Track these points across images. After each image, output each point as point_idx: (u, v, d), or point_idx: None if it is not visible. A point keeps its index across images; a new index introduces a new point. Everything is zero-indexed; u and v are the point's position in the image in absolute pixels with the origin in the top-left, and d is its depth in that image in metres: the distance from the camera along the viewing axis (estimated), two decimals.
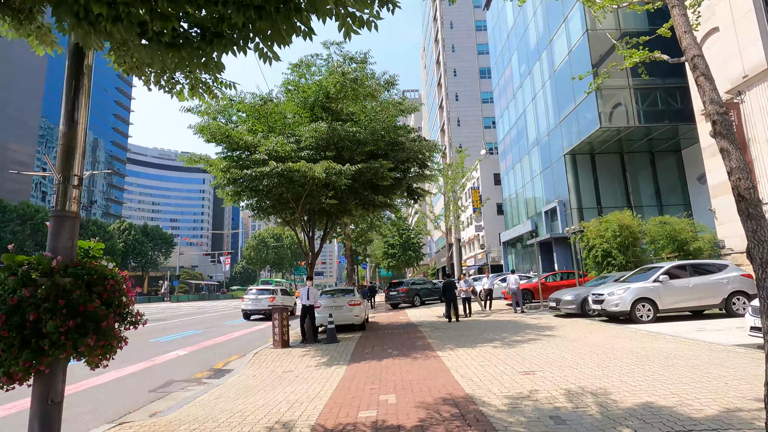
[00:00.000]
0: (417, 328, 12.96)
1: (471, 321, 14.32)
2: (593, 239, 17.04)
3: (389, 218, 30.59)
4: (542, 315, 14.97)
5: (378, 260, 62.02)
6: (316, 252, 11.92)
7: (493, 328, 11.78)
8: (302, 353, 9.46)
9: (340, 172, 9.16)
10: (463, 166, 18.36)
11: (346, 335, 12.04)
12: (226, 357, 10.22)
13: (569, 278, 19.20)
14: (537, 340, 9.15)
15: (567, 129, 23.81)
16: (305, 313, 10.69)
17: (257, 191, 9.83)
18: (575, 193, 23.84)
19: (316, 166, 8.65)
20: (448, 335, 10.84)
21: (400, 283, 23.56)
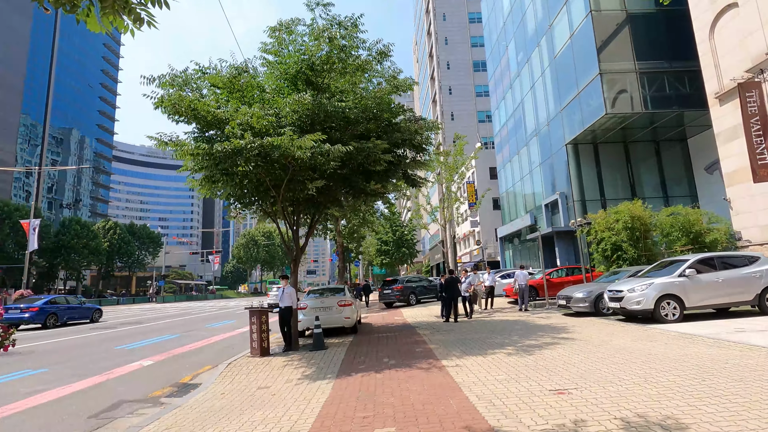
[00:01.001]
0: (415, 330, 11.69)
1: (473, 322, 13.08)
2: (602, 232, 15.89)
3: (382, 213, 29.32)
4: (550, 314, 13.78)
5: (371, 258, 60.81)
6: (301, 247, 10.58)
7: (500, 330, 10.54)
8: (283, 363, 8.12)
9: (327, 152, 7.81)
10: (462, 154, 17.06)
11: (336, 340, 10.72)
12: (197, 368, 8.86)
13: (574, 274, 18.07)
14: (555, 345, 7.91)
15: (569, 117, 22.66)
16: (281, 316, 9.36)
17: (231, 175, 8.45)
18: (578, 185, 22.72)
19: (301, 140, 7.29)
20: (451, 339, 9.57)
21: (395, 280, 22.27)
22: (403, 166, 11.40)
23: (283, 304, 9.35)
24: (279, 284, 34.00)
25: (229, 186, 8.90)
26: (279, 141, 7.29)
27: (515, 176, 31.65)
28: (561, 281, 17.55)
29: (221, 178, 8.66)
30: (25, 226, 32.30)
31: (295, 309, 9.85)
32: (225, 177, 8.58)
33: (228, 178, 8.60)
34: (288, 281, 9.56)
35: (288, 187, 9.24)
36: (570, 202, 22.88)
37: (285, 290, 9.44)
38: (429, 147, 12.04)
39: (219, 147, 7.26)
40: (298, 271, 10.24)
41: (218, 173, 8.42)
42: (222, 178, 8.64)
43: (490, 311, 16.08)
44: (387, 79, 10.66)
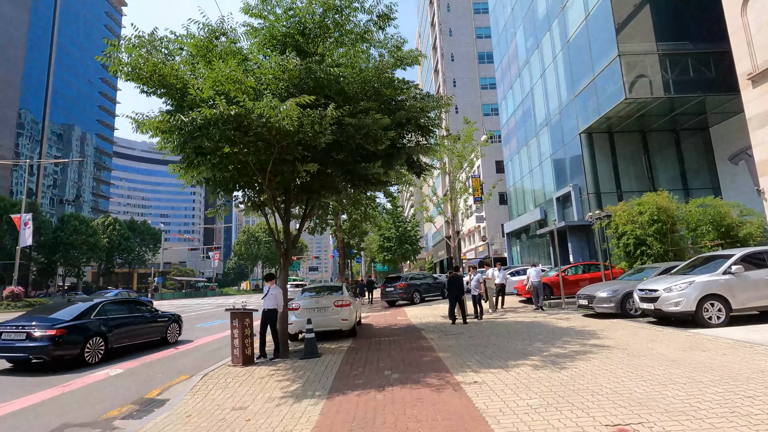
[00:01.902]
0: (421, 333, 10.47)
1: (484, 323, 11.85)
2: (623, 225, 14.61)
3: (384, 207, 28.12)
4: (569, 314, 12.54)
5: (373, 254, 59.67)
6: (293, 240, 9.36)
7: (517, 334, 9.31)
8: (267, 374, 6.93)
9: (319, 120, 6.57)
10: (472, 140, 15.79)
11: (332, 344, 9.52)
12: (173, 377, 7.68)
13: (590, 270, 16.79)
14: (589, 355, 6.68)
15: (583, 104, 21.32)
16: (264, 320, 8.16)
17: (207, 155, 7.23)
18: (592, 177, 21.40)
19: (285, 105, 6.06)
20: (463, 345, 8.35)
21: (398, 278, 21.06)
22: (407, 150, 10.16)
23: (267, 306, 8.15)
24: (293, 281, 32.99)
25: (207, 169, 7.68)
26: (258, 108, 6.05)
27: (523, 169, 30.32)
28: (576, 279, 16.29)
29: (197, 159, 7.44)
30: (16, 220, 31.29)
31: (283, 311, 8.66)
32: (200, 158, 7.35)
33: (205, 160, 7.38)
34: (274, 281, 8.36)
35: (276, 170, 8.02)
36: (584, 194, 21.57)
37: (270, 291, 8.25)
38: (436, 130, 10.78)
39: (186, 118, 6.03)
40: (288, 268, 9.04)
41: (192, 153, 7.19)
42: (197, 159, 7.41)
43: (501, 311, 14.85)
44: (390, 50, 9.41)
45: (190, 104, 6.99)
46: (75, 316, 8.60)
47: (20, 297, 30.71)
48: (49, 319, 8.32)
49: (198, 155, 7.30)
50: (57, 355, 8.02)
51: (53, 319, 8.29)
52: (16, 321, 8.47)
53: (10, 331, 8.05)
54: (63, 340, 8.06)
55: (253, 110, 6.03)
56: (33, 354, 7.91)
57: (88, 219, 68.84)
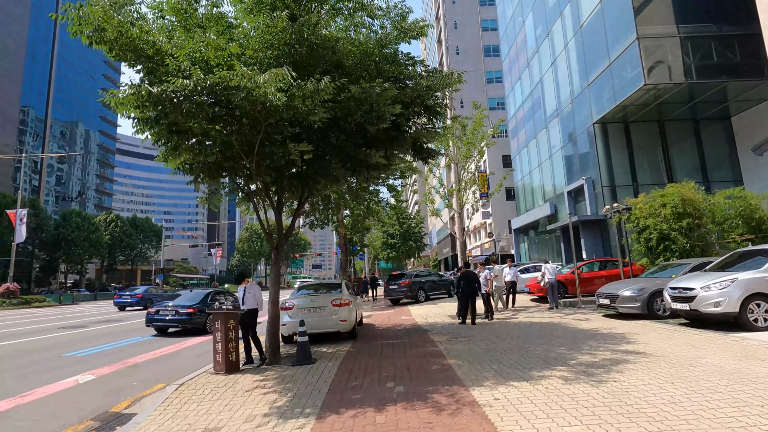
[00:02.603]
0: (427, 335, 9.53)
1: (496, 324, 10.90)
2: (644, 219, 13.58)
3: (387, 202, 27.18)
4: (587, 315, 11.55)
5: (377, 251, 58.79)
6: (285, 232, 8.43)
7: (536, 338, 8.34)
8: (252, 385, 6.01)
9: (311, 93, 5.63)
10: (482, 126, 14.72)
11: (328, 348, 8.60)
12: (149, 385, 6.80)
13: (606, 267, 15.78)
14: (627, 365, 5.71)
15: (597, 93, 20.22)
16: (243, 321, 7.25)
17: (184, 134, 6.32)
18: (606, 169, 20.33)
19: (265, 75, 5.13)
20: (477, 351, 7.40)
21: (402, 275, 20.12)
22: (412, 134, 9.21)
23: (246, 306, 7.24)
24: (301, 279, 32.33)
25: (187, 152, 6.75)
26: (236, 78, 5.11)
27: (532, 162, 29.24)
28: (592, 276, 15.28)
29: (174, 139, 6.51)
30: (12, 216, 30.63)
31: (274, 311, 7.76)
32: (177, 137, 6.42)
33: (184, 141, 6.45)
34: (249, 281, 7.43)
35: (264, 153, 7.08)
36: (598, 187, 20.50)
37: (247, 289, 7.34)
38: (444, 112, 9.80)
39: (155, 89, 5.11)
40: (279, 264, 8.11)
41: (167, 132, 6.26)
42: (175, 139, 6.49)
43: (513, 310, 13.89)
44: (393, 20, 8.45)
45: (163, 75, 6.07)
46: (200, 300, 12.65)
47: (16, 294, 30.08)
48: (186, 302, 12.59)
49: (174, 134, 6.37)
50: (191, 325, 12.31)
51: (188, 303, 12.54)
52: (163, 304, 13.15)
53: (163, 309, 12.55)
54: (196, 316, 12.26)
55: (230, 80, 5.08)
56: (179, 324, 12.39)
57: (90, 216, 68.43)
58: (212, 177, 7.82)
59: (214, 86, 5.28)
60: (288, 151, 6.82)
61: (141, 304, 24.71)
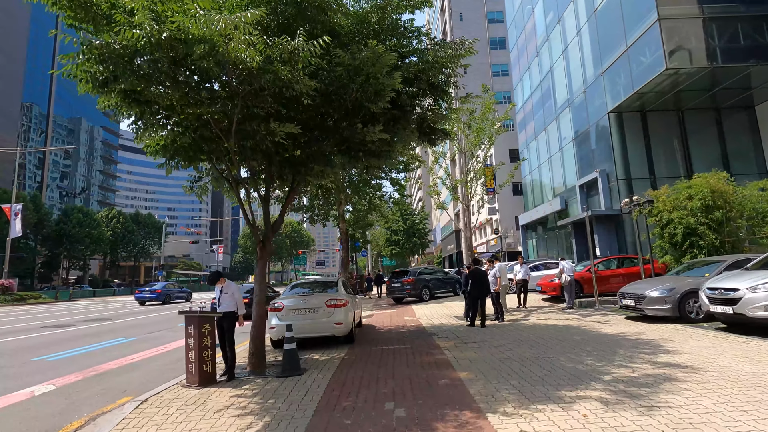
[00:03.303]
0: (433, 340, 8.57)
1: (508, 327, 9.91)
2: (668, 213, 12.52)
3: (391, 197, 26.22)
4: (608, 317, 10.54)
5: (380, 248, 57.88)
6: (273, 224, 7.48)
7: (556, 344, 7.35)
8: (225, 403, 5.08)
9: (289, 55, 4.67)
10: (492, 110, 13.61)
11: (321, 355, 7.66)
12: (115, 397, 5.90)
13: (624, 265, 14.73)
14: (676, 383, 4.72)
15: (612, 80, 19.10)
16: (219, 326, 6.30)
17: (146, 105, 5.36)
18: (622, 161, 19.21)
19: (225, 18, 4.16)
20: (490, 360, 6.43)
21: (405, 272, 19.15)
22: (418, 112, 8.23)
23: (223, 309, 6.29)
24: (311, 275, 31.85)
25: (153, 127, 5.81)
26: (197, 29, 4.15)
27: (541, 156, 28.12)
28: (610, 274, 14.25)
29: (137, 111, 5.56)
30: (6, 210, 29.95)
31: (260, 312, 6.82)
32: (139, 108, 5.46)
33: (143, 111, 5.49)
34: (224, 279, 6.47)
35: (245, 132, 6.12)
36: (613, 180, 19.40)
37: (223, 289, 6.40)
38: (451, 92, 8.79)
39: (98, 42, 4.15)
40: (266, 260, 7.16)
41: (123, 101, 5.31)
42: (137, 111, 5.53)
43: (524, 311, 12.90)
44: None
45: None
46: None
47: (11, 290, 29.44)
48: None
49: (135, 105, 5.41)
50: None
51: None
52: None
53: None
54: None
55: (187, 32, 4.12)
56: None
57: (91, 211, 67.93)
58: (189, 161, 6.87)
59: (171, 40, 4.31)
60: (272, 131, 5.86)
61: (160, 299, 26.57)
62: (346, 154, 8.07)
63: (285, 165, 7.50)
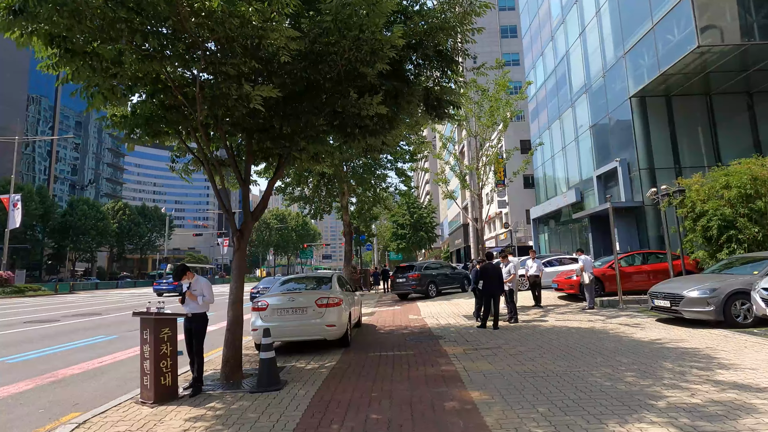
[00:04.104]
0: (439, 345, 7.51)
1: (524, 329, 8.82)
2: (702, 203, 11.28)
3: (397, 189, 25.12)
4: (635, 318, 9.40)
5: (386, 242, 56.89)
6: (254, 211, 6.44)
7: (585, 353, 6.25)
8: (180, 427, 4.07)
9: None
10: (506, 88, 12.34)
11: (308, 363, 6.65)
12: (56, 415, 4.94)
13: (649, 261, 13.52)
14: (758, 415, 3.61)
15: (635, 62, 17.72)
16: (188, 332, 5.31)
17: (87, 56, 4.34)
18: (645, 149, 17.87)
19: None
20: (508, 374, 5.35)
21: (411, 267, 18.08)
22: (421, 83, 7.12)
23: (191, 309, 5.28)
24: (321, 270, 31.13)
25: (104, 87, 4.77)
26: None
27: (555, 146, 26.76)
28: (634, 271, 13.06)
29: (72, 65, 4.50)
30: (5, 201, 29.38)
31: (237, 313, 5.82)
32: (76, 61, 4.41)
33: (84, 66, 4.44)
34: (192, 274, 5.45)
35: (214, 98, 5.07)
36: (634, 170, 18.08)
37: (191, 286, 5.38)
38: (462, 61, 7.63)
39: None
40: (245, 251, 6.13)
41: (60, 53, 4.28)
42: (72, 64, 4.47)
43: (540, 310, 11.80)
44: None
45: None
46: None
47: (10, 282, 28.96)
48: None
49: (72, 57, 4.36)
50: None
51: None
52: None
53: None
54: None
55: None
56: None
57: (97, 203, 67.77)
58: (152, 134, 5.84)
59: None
60: (247, 95, 4.81)
61: (177, 290, 26.68)
62: (340, 132, 7.02)
63: (267, 140, 6.43)
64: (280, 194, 21.62)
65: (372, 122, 6.67)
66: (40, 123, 76.79)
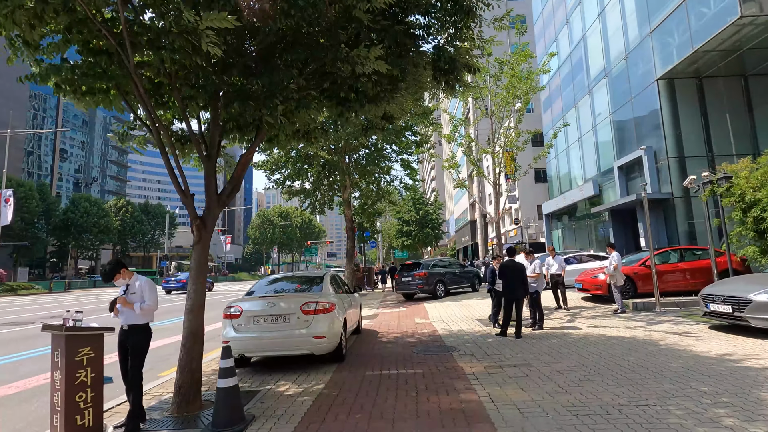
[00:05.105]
0: (454, 360, 6.14)
1: (552, 338, 7.43)
2: (753, 192, 9.79)
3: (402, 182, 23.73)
4: (682, 325, 7.97)
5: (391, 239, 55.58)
6: (223, 193, 5.10)
7: (648, 376, 4.84)
8: None
9: None
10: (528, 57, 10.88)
11: (288, 386, 5.31)
12: None
13: (685, 258, 12.03)
14: None
15: (663, 41, 16.16)
16: (123, 350, 4.02)
17: None
18: (673, 136, 16.32)
19: None
20: (549, 407, 3.97)
21: (417, 264, 16.70)
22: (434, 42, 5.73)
23: (128, 321, 3.99)
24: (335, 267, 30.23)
25: None
26: None
27: (570, 137, 25.20)
28: (670, 270, 11.59)
29: None
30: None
31: (197, 320, 4.50)
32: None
33: None
34: (130, 272, 4.16)
35: (148, 40, 3.73)
36: (661, 159, 16.54)
37: (129, 289, 4.13)
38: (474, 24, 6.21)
39: None
40: (207, 245, 4.81)
41: None
42: None
43: (566, 313, 10.39)
44: None
45: None
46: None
47: (1, 280, 28.01)
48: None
49: None
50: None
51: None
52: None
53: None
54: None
55: None
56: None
57: (99, 201, 67.03)
58: (85, 92, 4.51)
59: None
60: (194, 29, 3.47)
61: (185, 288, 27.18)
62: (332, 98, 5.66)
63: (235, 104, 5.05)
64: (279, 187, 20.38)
65: (371, 84, 5.31)
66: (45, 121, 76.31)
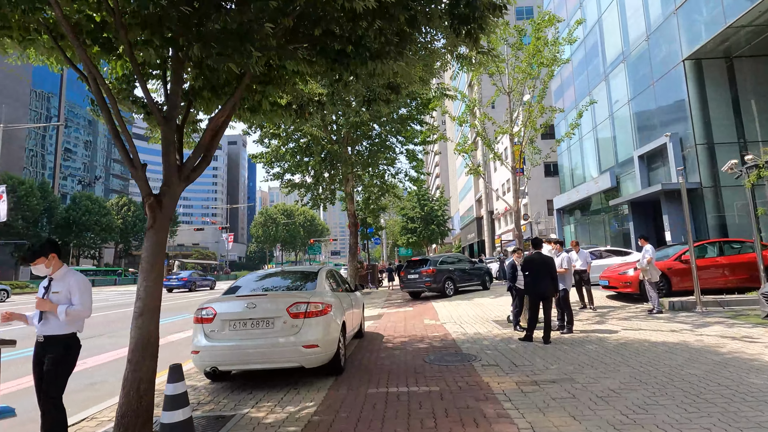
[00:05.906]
0: (475, 372, 5.05)
1: (585, 342, 6.32)
2: None
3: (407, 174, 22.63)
4: (735, 327, 6.85)
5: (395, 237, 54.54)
6: (184, 164, 4.02)
7: (730, 396, 3.73)
8: None
9: None
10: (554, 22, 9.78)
11: (275, 408, 4.25)
12: None
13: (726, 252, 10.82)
14: None
15: (690, 18, 14.94)
16: (38, 365, 2.99)
17: None
18: (701, 122, 15.10)
19: None
20: None
21: (424, 261, 15.60)
22: None
23: (47, 330, 2.98)
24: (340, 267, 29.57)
25: None
26: None
27: (584, 126, 23.96)
28: (709, 265, 10.41)
29: None
30: None
31: (150, 328, 3.45)
32: None
33: None
34: (62, 264, 3.16)
35: None
36: (688, 146, 15.32)
37: (52, 285, 3.10)
38: None
39: None
40: (167, 228, 3.78)
41: None
42: None
43: (594, 313, 9.28)
44: None
45: None
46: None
47: None
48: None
49: None
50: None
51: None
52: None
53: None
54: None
55: None
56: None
57: (100, 199, 66.51)
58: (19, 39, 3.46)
59: None
60: None
61: (186, 286, 27.95)
62: (325, 52, 4.57)
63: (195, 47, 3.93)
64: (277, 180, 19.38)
65: (374, 35, 4.22)
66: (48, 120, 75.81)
